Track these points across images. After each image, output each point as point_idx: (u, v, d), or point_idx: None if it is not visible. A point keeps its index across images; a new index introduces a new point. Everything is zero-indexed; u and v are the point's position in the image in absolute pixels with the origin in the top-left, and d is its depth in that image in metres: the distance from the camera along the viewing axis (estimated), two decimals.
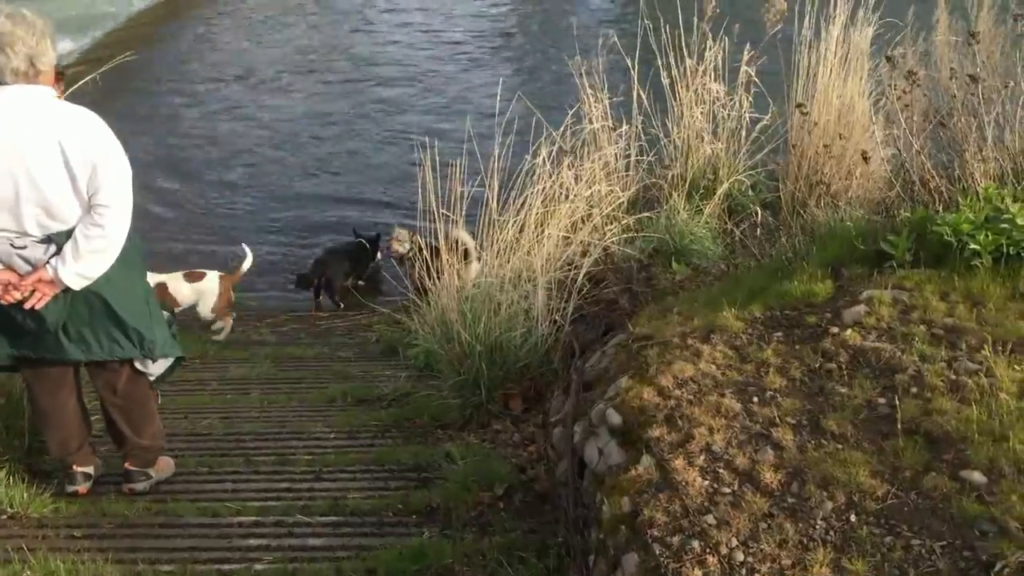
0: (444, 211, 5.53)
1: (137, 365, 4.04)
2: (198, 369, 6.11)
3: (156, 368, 4.07)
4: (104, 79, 5.30)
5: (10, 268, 3.60)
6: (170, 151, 10.89)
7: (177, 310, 6.62)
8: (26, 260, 3.57)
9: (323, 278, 7.94)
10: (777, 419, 3.41)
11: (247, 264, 7.03)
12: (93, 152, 3.46)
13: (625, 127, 6.70)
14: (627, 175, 6.67)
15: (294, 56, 13.90)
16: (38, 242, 3.55)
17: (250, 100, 12.32)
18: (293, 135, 11.34)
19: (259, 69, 13.40)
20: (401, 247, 7.54)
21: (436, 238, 5.71)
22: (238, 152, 10.96)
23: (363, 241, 8.37)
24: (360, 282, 8.28)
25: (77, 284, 3.62)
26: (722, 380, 3.72)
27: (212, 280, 6.96)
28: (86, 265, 3.57)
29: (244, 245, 7.25)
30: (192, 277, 6.91)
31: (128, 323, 3.82)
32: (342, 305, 7.87)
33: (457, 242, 6.01)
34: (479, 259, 6.23)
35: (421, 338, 5.79)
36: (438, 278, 5.72)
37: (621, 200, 6.22)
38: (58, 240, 3.55)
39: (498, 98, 5.89)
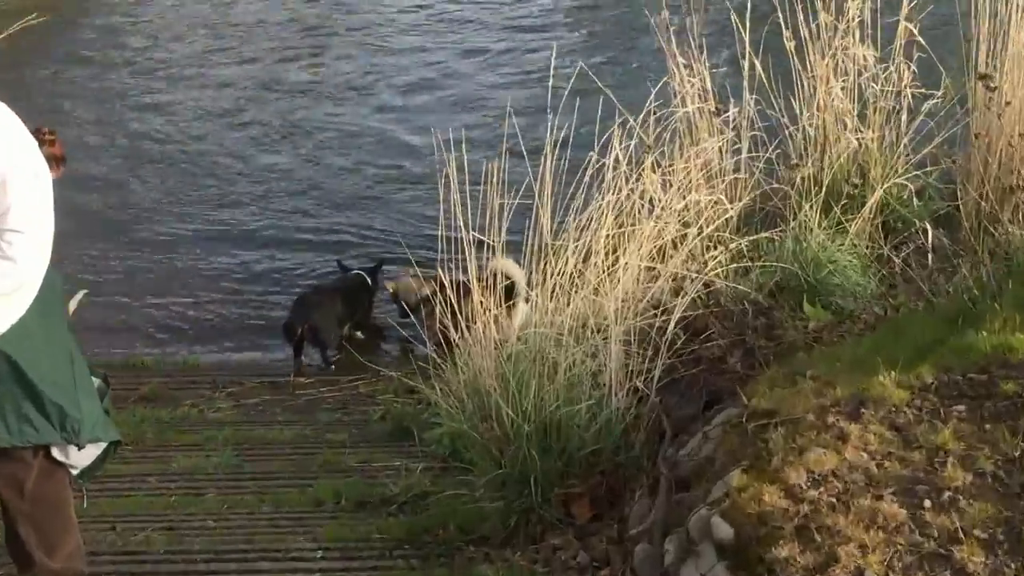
0: (477, 234, 5.60)
1: (55, 454, 4.10)
2: (131, 459, 6.14)
3: (80, 458, 4.13)
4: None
5: None
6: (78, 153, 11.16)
7: None
8: None
9: (308, 327, 7.92)
10: (961, 532, 3.39)
11: (74, 302, 6.98)
12: (2, 159, 3.57)
13: (733, 111, 6.71)
14: (737, 179, 6.68)
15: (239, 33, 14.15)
16: None
17: (178, 91, 12.57)
18: (256, 141, 11.52)
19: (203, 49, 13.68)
20: (408, 299, 7.67)
21: (465, 271, 5.77)
22: (166, 161, 11.15)
23: (360, 273, 8.42)
24: (359, 333, 8.37)
25: None
26: (879, 475, 3.70)
27: None
28: None
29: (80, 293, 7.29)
30: None
31: (45, 395, 3.89)
32: (334, 366, 7.96)
33: (497, 275, 6.07)
34: (527, 300, 6.28)
35: (445, 414, 5.80)
36: (468, 328, 5.75)
37: (729, 215, 6.21)
38: None
39: (551, 71, 5.97)
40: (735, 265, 6.00)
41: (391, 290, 8.07)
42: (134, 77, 12.92)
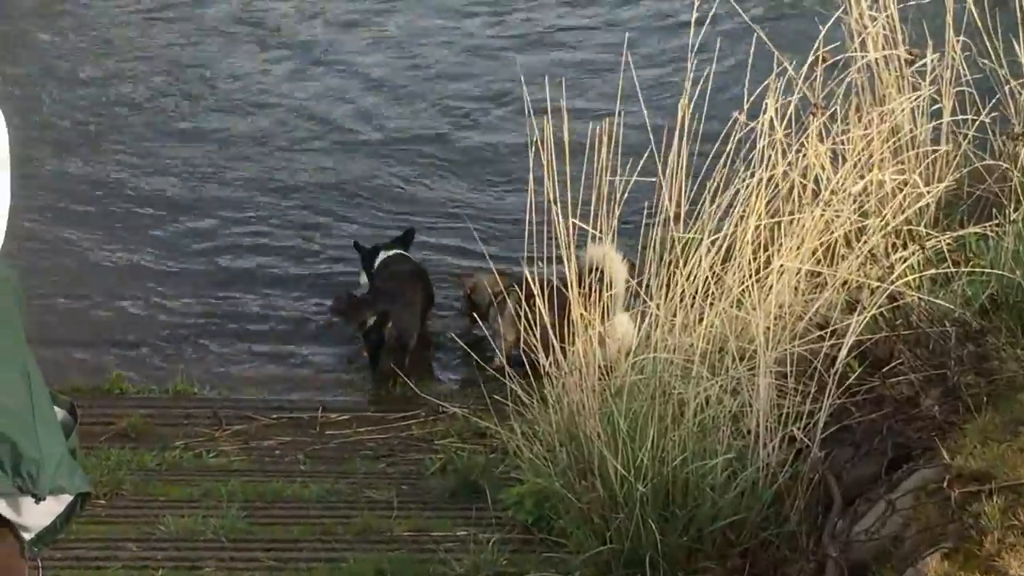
0: (577, 222, 5.59)
1: (1, 509, 4.12)
2: (105, 518, 6.19)
3: (37, 515, 4.10)
4: None
5: None
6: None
7: None
8: None
9: (386, 323, 8.28)
10: None
11: None
12: None
13: (931, 57, 6.66)
14: (936, 152, 6.64)
15: None
16: None
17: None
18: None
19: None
20: (481, 300, 7.88)
21: (562, 270, 5.80)
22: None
23: (402, 254, 8.79)
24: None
25: None
26: None
27: None
28: None
29: None
30: None
31: None
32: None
33: (595, 269, 6.05)
34: (638, 310, 6.25)
35: (528, 467, 5.84)
36: (563, 350, 5.76)
37: (925, 202, 6.19)
38: None
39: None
40: (932, 271, 5.95)
41: (468, 288, 8.23)
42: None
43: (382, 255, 8.75)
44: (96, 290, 9.20)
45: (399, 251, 8.79)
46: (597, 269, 6.26)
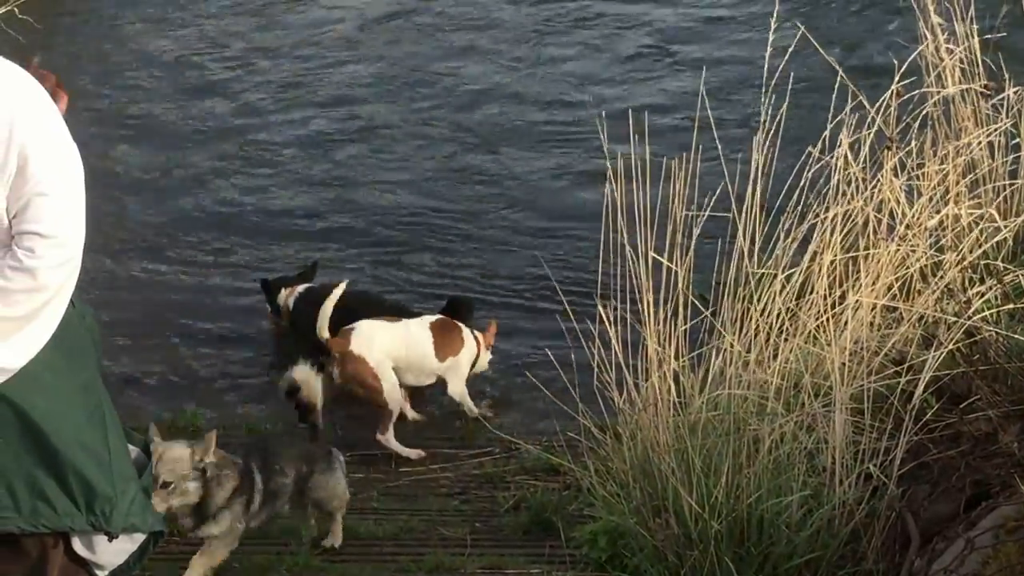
0: (654, 254, 5.58)
1: (77, 547, 4.12)
2: (178, 555, 6.15)
3: (110, 554, 4.12)
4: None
5: None
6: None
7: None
8: None
9: None
10: None
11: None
12: (19, 131, 3.60)
13: (1012, 91, 6.64)
14: (1013, 186, 6.63)
15: None
16: None
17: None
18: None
19: None
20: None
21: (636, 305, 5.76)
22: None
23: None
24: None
25: None
26: None
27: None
28: None
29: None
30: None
31: (69, 462, 3.91)
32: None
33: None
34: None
35: (602, 504, 5.80)
36: (636, 387, 5.76)
37: (1002, 235, 6.15)
38: None
39: (770, 34, 5.93)
40: (1010, 306, 5.90)
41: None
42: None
43: (301, 289, 8.69)
44: (171, 326, 9.25)
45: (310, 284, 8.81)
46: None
